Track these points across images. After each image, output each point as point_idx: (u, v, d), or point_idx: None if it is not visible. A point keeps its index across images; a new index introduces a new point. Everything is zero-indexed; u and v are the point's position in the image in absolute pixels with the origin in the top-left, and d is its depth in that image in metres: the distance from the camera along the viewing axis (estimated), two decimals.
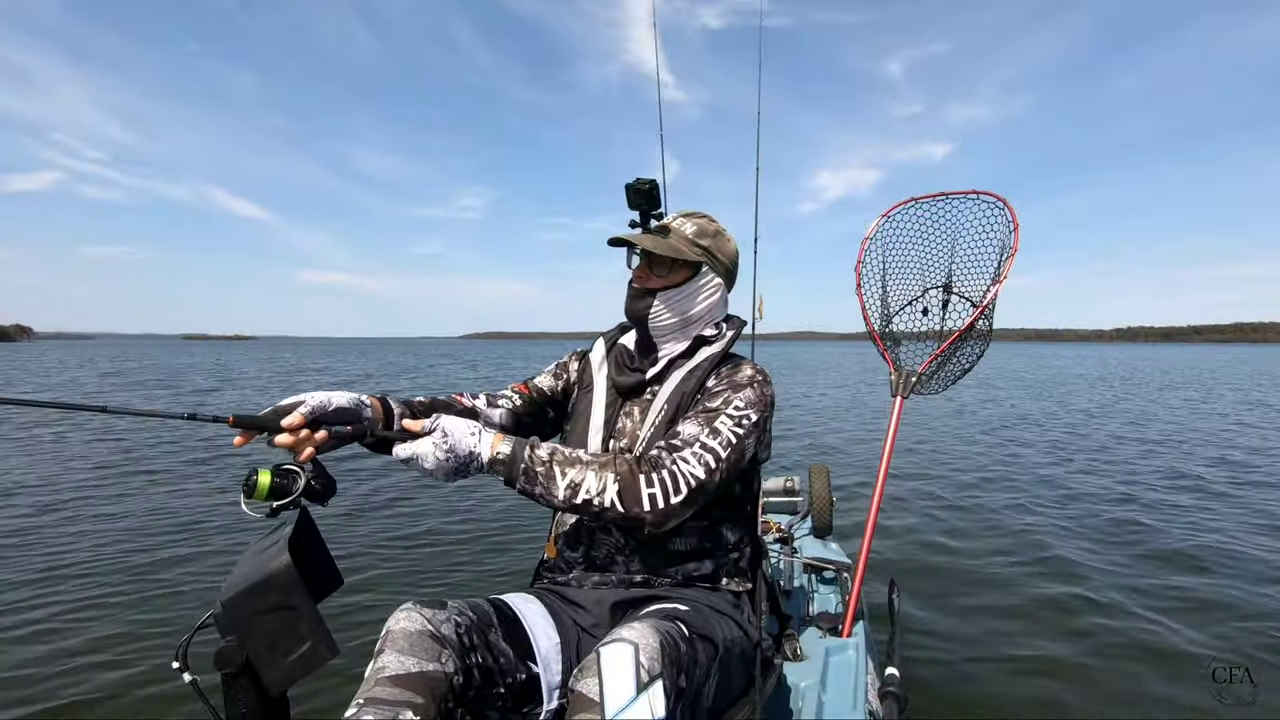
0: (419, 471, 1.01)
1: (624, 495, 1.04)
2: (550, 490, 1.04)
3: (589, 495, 1.03)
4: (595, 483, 1.04)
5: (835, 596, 2.15)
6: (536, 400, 1.41)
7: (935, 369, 2.18)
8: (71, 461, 8.24)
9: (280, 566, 0.94)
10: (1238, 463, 6.12)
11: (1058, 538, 3.98)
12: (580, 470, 1.05)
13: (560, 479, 1.04)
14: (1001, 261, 2.05)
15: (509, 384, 1.45)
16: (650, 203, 1.26)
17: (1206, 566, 3.38)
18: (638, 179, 1.24)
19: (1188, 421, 8.66)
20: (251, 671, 0.93)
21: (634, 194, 1.25)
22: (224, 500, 6.33)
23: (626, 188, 1.25)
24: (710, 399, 1.20)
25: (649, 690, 0.86)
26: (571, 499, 1.04)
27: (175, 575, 4.01)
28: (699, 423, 1.15)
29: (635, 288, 1.30)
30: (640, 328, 1.32)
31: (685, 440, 1.11)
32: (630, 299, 1.31)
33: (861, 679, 1.55)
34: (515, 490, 1.05)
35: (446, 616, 1.02)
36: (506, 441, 1.05)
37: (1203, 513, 4.38)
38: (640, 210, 1.27)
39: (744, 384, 1.21)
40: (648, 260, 1.29)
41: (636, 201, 1.26)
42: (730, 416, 1.15)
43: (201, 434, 9.07)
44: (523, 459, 1.04)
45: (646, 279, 1.29)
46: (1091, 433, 8.01)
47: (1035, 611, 2.97)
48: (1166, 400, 11.31)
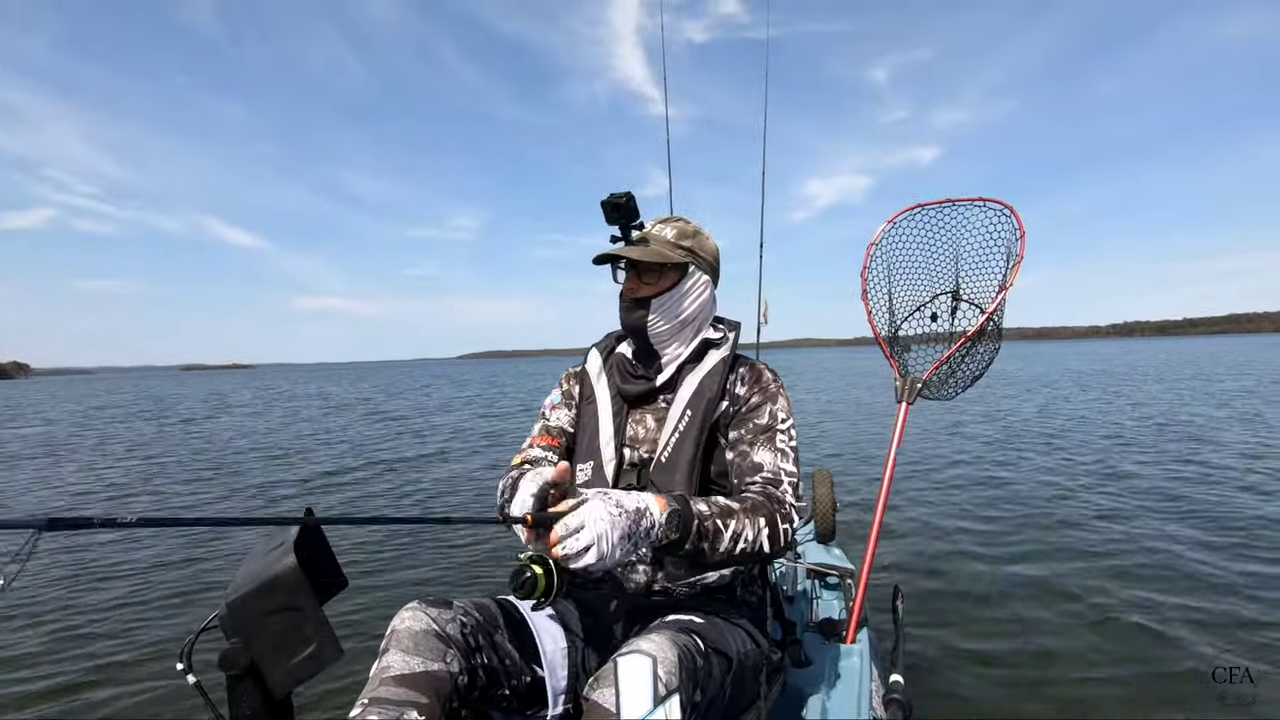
0: (586, 555, 0.88)
1: (772, 538, 1.09)
2: (716, 545, 1.02)
3: (746, 544, 1.06)
4: (751, 531, 1.06)
5: (839, 603, 2.14)
6: (569, 445, 1.39)
7: (945, 375, 2.18)
8: (79, 466, 8.29)
9: (286, 568, 0.95)
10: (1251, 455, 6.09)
11: (1066, 543, 3.96)
12: (738, 520, 1.06)
13: (725, 531, 1.04)
14: (1008, 268, 2.05)
15: (528, 440, 1.39)
16: (629, 215, 1.25)
17: (1222, 573, 3.36)
18: (612, 194, 1.23)
19: (1199, 418, 8.62)
20: (256, 673, 0.93)
21: (611, 209, 1.24)
22: (226, 504, 6.35)
23: (603, 204, 1.23)
24: (756, 414, 1.24)
25: (666, 704, 0.86)
26: (732, 550, 1.04)
27: (180, 576, 4.02)
28: (770, 449, 1.20)
29: (628, 300, 1.30)
30: (639, 338, 1.32)
31: (775, 472, 1.17)
32: (625, 311, 1.31)
33: (866, 685, 1.55)
34: (678, 555, 1.00)
35: (452, 616, 1.01)
36: (661, 498, 1.00)
37: (1221, 515, 4.36)
38: (620, 224, 1.26)
39: (774, 391, 1.27)
40: (635, 271, 1.30)
41: (614, 216, 1.25)
42: (783, 431, 1.23)
43: (203, 445, 9.07)
44: (694, 514, 1.00)
45: (637, 289, 1.29)
46: (1096, 431, 7.99)
47: (1040, 618, 2.95)
48: (1174, 396, 11.30)
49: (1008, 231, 2.07)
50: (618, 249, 1.26)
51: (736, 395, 1.27)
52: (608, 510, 0.91)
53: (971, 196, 2.14)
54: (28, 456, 9.81)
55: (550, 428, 1.40)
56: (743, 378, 1.29)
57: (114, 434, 12.92)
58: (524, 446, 1.38)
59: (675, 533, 0.97)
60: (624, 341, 1.42)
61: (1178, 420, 9.32)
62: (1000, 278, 2.09)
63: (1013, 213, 2.05)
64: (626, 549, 0.92)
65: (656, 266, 1.28)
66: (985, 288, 2.15)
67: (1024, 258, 2.00)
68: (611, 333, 1.48)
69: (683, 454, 1.21)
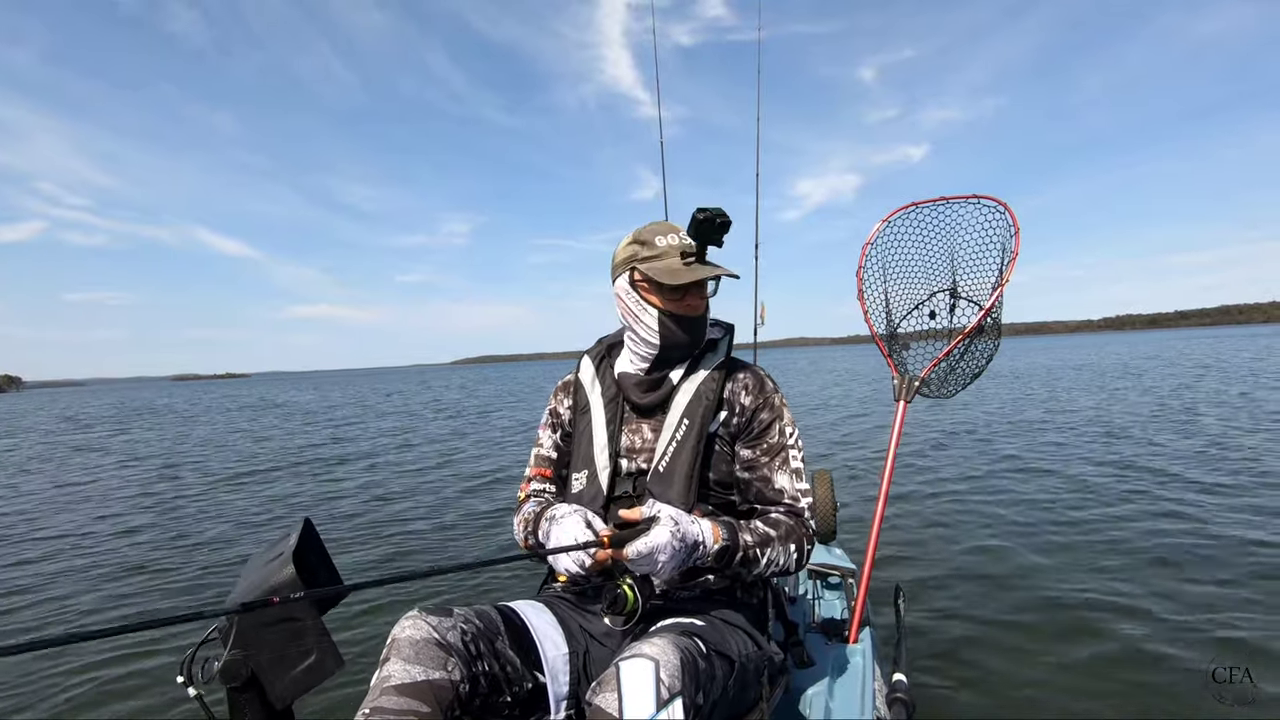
0: (645, 567, 1.02)
1: (799, 561, 1.20)
2: (750, 570, 1.15)
3: (776, 568, 1.18)
4: (783, 557, 1.18)
5: (840, 603, 2.14)
6: (564, 462, 1.40)
7: (945, 373, 2.18)
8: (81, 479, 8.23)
9: (285, 579, 0.94)
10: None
11: (1066, 541, 3.97)
12: (774, 548, 1.16)
13: (762, 559, 1.15)
14: (1004, 265, 2.06)
15: (528, 469, 1.43)
16: (721, 232, 1.18)
17: (1226, 571, 3.36)
18: (710, 209, 1.15)
19: (1206, 415, 8.64)
20: (257, 685, 0.93)
21: (707, 224, 1.16)
22: (229, 508, 6.32)
23: (698, 221, 1.15)
24: (767, 434, 1.26)
25: (669, 707, 0.86)
26: (763, 573, 1.17)
27: (180, 586, 4.01)
28: (786, 472, 1.24)
29: (693, 317, 1.26)
30: (685, 353, 1.29)
31: (795, 497, 1.24)
32: (692, 328, 1.27)
33: (869, 685, 1.55)
34: (718, 574, 1.17)
35: (453, 624, 1.01)
36: (717, 526, 1.12)
37: (1230, 512, 4.36)
38: (707, 241, 1.20)
39: (779, 405, 1.29)
40: (700, 288, 1.27)
41: (707, 232, 1.17)
42: (791, 447, 1.27)
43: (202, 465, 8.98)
44: (740, 545, 1.12)
45: (699, 306, 1.27)
46: (1096, 428, 7.99)
47: (1043, 616, 2.95)
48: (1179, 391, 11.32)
49: (1002, 228, 2.07)
50: (712, 266, 1.24)
51: (740, 405, 1.26)
52: (672, 544, 1.02)
53: (965, 194, 2.14)
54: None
55: (540, 457, 1.42)
56: (745, 386, 1.28)
57: None
58: (527, 475, 1.43)
59: (718, 561, 1.10)
60: (617, 349, 1.39)
61: (1178, 417, 9.34)
62: (996, 274, 2.09)
63: (1007, 209, 2.06)
64: (673, 571, 1.05)
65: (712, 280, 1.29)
66: (982, 285, 2.16)
67: (1019, 254, 2.01)
68: (604, 339, 1.45)
69: (680, 463, 1.20)
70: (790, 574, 1.21)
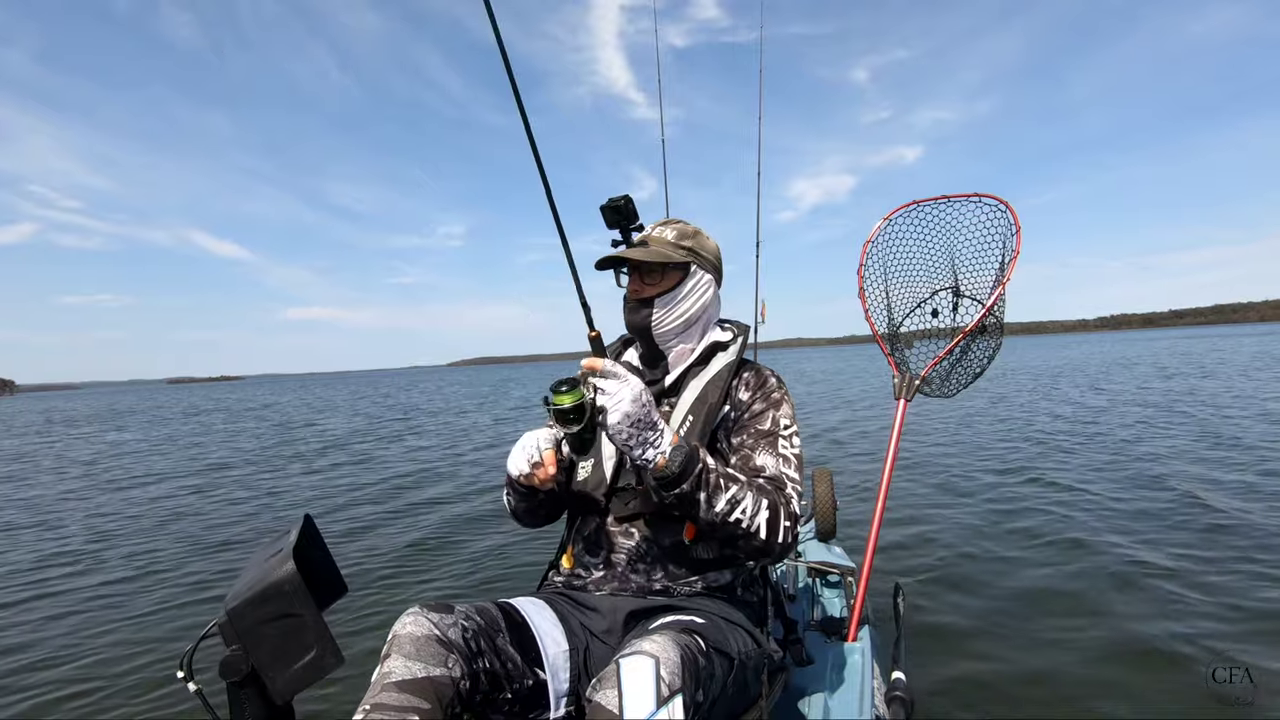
0: (609, 393, 0.98)
1: (770, 524, 1.09)
2: (712, 500, 1.05)
3: (741, 515, 1.07)
4: (751, 505, 1.08)
5: (840, 601, 2.14)
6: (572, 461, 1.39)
7: (946, 372, 2.17)
8: (73, 471, 8.25)
9: (285, 575, 0.94)
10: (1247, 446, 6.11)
11: (1066, 541, 3.96)
12: (741, 489, 1.08)
13: (724, 491, 1.06)
14: (1005, 263, 2.05)
15: None
16: (628, 218, 1.26)
17: (1226, 571, 3.36)
18: (610, 198, 1.25)
19: (1200, 408, 8.63)
20: (257, 680, 0.93)
21: (611, 212, 1.25)
22: (230, 509, 6.33)
23: (602, 209, 1.25)
24: (758, 420, 1.24)
25: (669, 705, 0.85)
26: (726, 515, 1.06)
27: (180, 582, 4.01)
28: (772, 454, 1.20)
29: (632, 301, 1.31)
30: (645, 338, 1.32)
31: (776, 475, 1.17)
32: (629, 312, 1.32)
33: (868, 683, 1.55)
34: (673, 493, 1.03)
35: (454, 621, 1.01)
36: (676, 435, 1.06)
37: (1230, 511, 4.36)
38: (620, 227, 1.27)
39: (778, 398, 1.28)
40: (638, 273, 1.31)
41: (615, 219, 1.26)
42: (785, 437, 1.23)
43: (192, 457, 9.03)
44: (699, 459, 1.04)
45: (641, 290, 1.30)
46: (1099, 426, 7.98)
47: (1043, 614, 2.95)
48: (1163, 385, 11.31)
49: (1003, 226, 2.07)
50: (620, 252, 1.26)
51: (739, 400, 1.28)
52: (640, 396, 0.99)
53: (966, 193, 2.13)
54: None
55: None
56: (746, 383, 1.30)
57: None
58: None
59: (677, 466, 1.01)
60: (630, 346, 1.43)
61: (1180, 413, 9.33)
62: (997, 273, 2.09)
63: (1008, 208, 2.05)
64: (632, 434, 0.99)
65: (659, 267, 1.28)
66: (983, 283, 2.15)
67: (1020, 252, 2.00)
68: (621, 337, 1.49)
69: None
70: (762, 544, 1.08)
